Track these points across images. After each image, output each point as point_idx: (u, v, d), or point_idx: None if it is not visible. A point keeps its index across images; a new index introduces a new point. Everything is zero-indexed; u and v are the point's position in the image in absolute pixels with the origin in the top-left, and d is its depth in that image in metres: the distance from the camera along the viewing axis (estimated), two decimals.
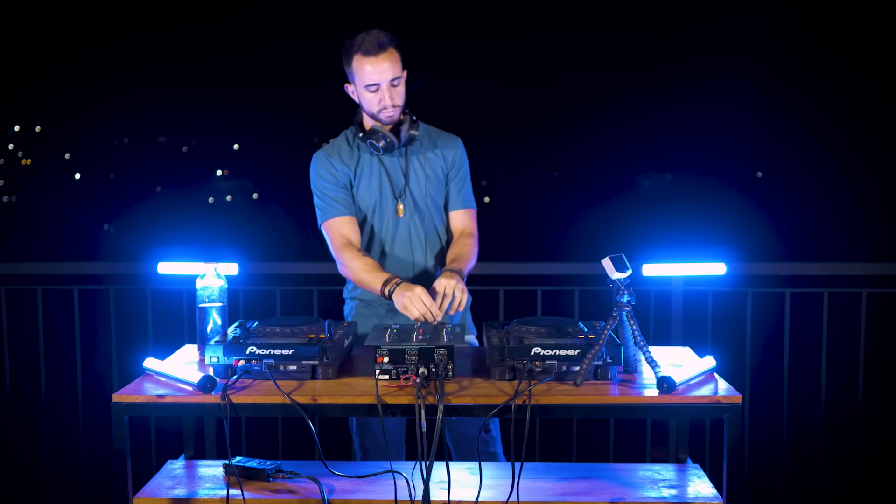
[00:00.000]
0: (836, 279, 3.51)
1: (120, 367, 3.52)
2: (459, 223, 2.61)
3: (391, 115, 2.46)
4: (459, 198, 2.61)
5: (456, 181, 2.60)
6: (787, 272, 3.60)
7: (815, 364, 3.43)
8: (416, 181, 2.55)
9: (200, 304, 2.29)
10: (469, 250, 2.53)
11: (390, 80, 2.42)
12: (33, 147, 37.95)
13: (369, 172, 2.54)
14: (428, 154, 2.56)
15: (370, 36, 2.41)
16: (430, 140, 2.58)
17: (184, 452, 2.40)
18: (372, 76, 2.42)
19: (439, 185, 2.58)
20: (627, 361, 2.09)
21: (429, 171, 2.55)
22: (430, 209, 2.56)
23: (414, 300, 2.23)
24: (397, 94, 2.45)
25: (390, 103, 2.44)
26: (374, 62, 2.40)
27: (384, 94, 2.43)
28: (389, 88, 2.43)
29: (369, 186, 2.54)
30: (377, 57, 2.40)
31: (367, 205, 2.54)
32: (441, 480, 2.01)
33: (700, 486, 2.15)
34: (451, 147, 2.60)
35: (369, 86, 2.43)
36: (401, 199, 2.54)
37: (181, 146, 39.11)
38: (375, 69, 2.41)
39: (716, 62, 44.15)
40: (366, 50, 2.40)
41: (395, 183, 2.54)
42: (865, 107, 33.20)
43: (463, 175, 2.62)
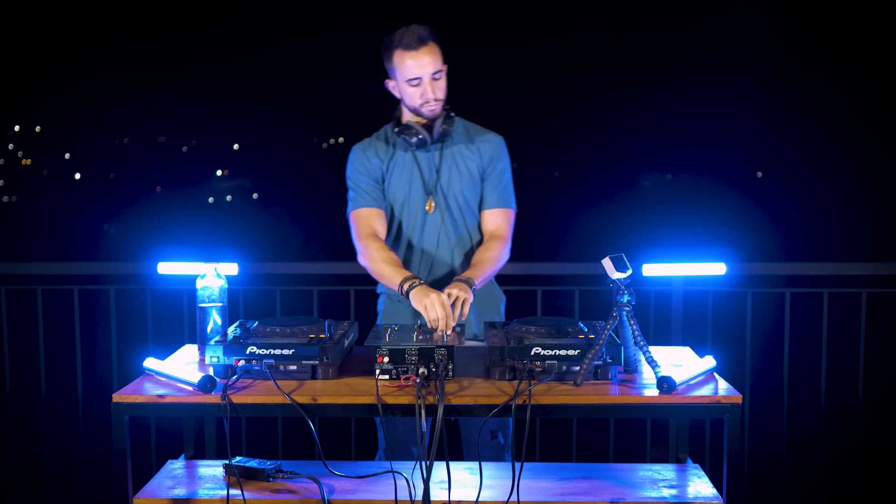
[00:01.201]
0: (836, 279, 3.51)
1: (120, 367, 3.52)
2: (491, 223, 2.56)
3: (433, 109, 2.46)
4: (493, 196, 2.56)
5: (491, 179, 2.55)
6: (787, 272, 3.60)
7: (815, 364, 3.43)
8: (448, 178, 2.53)
9: (200, 304, 2.29)
10: (493, 255, 2.48)
11: (432, 73, 2.42)
12: (33, 147, 37.96)
13: (402, 167, 2.53)
14: (463, 150, 2.54)
15: (410, 31, 2.41)
16: (467, 136, 2.56)
17: (184, 452, 2.40)
18: (413, 70, 2.41)
19: (472, 183, 2.54)
20: (627, 361, 2.09)
21: (462, 168, 2.53)
22: (462, 208, 2.53)
23: (436, 304, 2.18)
24: (439, 87, 2.45)
25: (432, 97, 2.44)
26: (414, 56, 2.40)
27: (426, 88, 2.43)
28: (431, 82, 2.43)
29: (400, 181, 2.53)
30: (418, 51, 2.40)
31: (397, 199, 2.54)
32: (441, 480, 2.01)
33: (700, 486, 2.15)
34: (489, 144, 2.56)
35: (411, 80, 2.43)
36: (431, 195, 2.52)
37: (181, 146, 39.12)
38: (417, 63, 2.41)
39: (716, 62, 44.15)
40: (406, 44, 2.40)
41: (426, 178, 2.53)
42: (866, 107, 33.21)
43: (500, 174, 2.56)
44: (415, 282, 2.29)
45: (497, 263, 2.49)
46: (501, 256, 2.51)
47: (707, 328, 3.52)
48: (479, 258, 2.47)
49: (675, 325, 3.42)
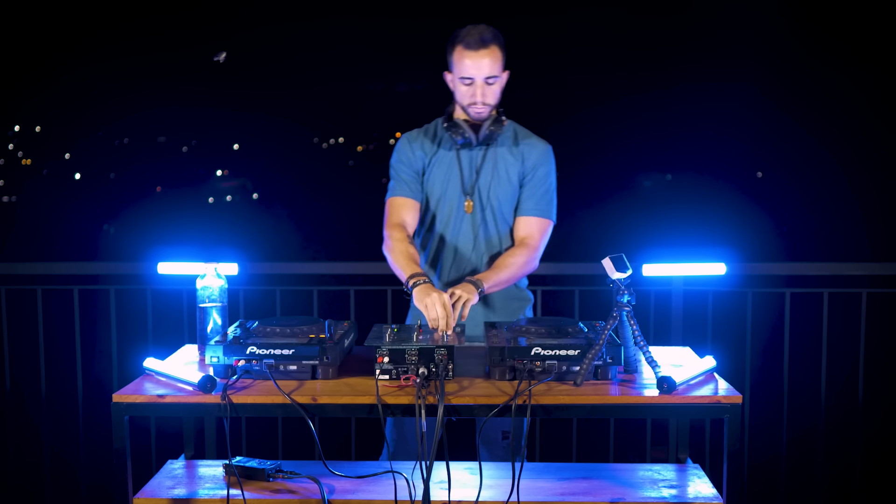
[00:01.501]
0: (836, 279, 3.51)
1: (120, 367, 3.52)
2: (523, 231, 2.53)
3: (480, 112, 2.46)
4: (530, 204, 2.53)
5: (530, 186, 2.53)
6: (787, 272, 3.60)
7: (815, 364, 3.43)
8: (487, 180, 2.52)
9: (200, 304, 2.29)
10: (514, 261, 2.46)
11: (486, 77, 2.42)
12: (33, 147, 37.94)
13: (444, 163, 2.53)
14: (506, 155, 2.53)
15: (476, 30, 2.41)
16: (513, 140, 2.54)
17: (184, 452, 2.40)
18: (469, 70, 2.41)
19: (510, 188, 2.53)
20: (627, 361, 2.09)
21: (501, 172, 2.52)
22: (494, 211, 2.52)
23: (436, 303, 2.18)
24: (490, 92, 2.44)
25: (481, 100, 2.44)
26: (473, 56, 2.40)
27: (477, 90, 2.43)
28: (483, 85, 2.43)
29: (439, 177, 2.53)
30: (477, 52, 2.40)
31: (434, 194, 2.54)
32: (441, 480, 2.01)
33: (700, 486, 2.15)
34: (534, 151, 2.54)
35: (464, 79, 2.43)
36: (469, 195, 2.52)
37: (181, 146, 39.11)
38: (473, 63, 2.40)
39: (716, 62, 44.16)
40: (468, 43, 2.40)
41: (465, 178, 2.52)
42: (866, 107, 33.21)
43: (540, 181, 2.53)
44: (420, 279, 2.28)
45: (517, 270, 2.46)
46: (523, 264, 2.48)
47: (707, 328, 3.52)
48: (500, 262, 2.46)
49: (675, 325, 3.43)
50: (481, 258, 2.54)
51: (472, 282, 2.33)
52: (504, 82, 2.48)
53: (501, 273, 2.42)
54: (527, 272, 2.53)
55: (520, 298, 2.63)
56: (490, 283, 2.37)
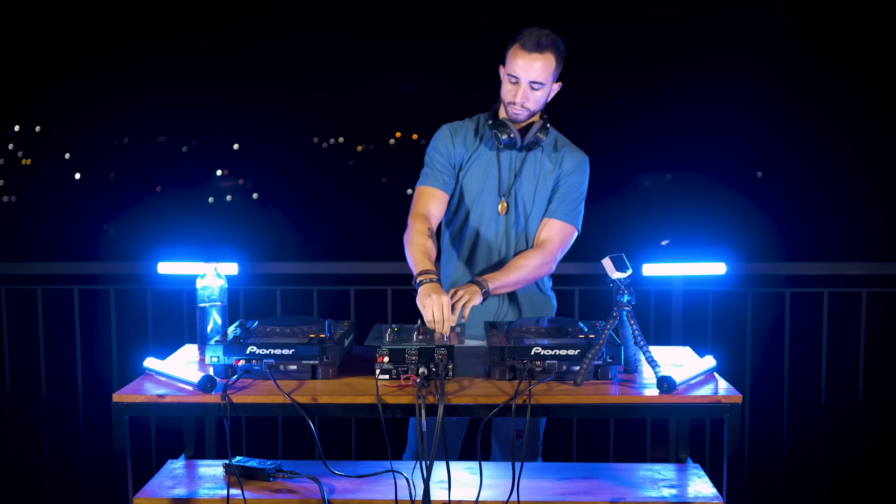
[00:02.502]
0: (836, 279, 3.51)
1: (120, 367, 3.52)
2: (544, 233, 2.51)
3: (517, 114, 2.45)
4: (555, 205, 2.51)
5: (561, 191, 2.52)
6: (787, 272, 3.60)
7: (815, 364, 3.43)
8: (525, 183, 2.51)
9: (200, 304, 2.29)
10: (527, 263, 2.44)
11: (531, 80, 2.41)
12: (33, 147, 37.95)
13: (483, 162, 2.52)
14: (545, 161, 2.52)
15: (536, 33, 2.41)
16: (554, 149, 2.54)
17: (184, 452, 2.40)
18: (517, 69, 2.41)
19: (546, 193, 2.52)
20: (627, 361, 2.09)
21: (539, 178, 2.51)
22: (528, 215, 2.51)
23: (434, 305, 2.16)
24: (533, 97, 2.42)
25: (520, 101, 2.42)
26: (524, 57, 2.39)
27: (519, 91, 2.42)
28: (527, 89, 2.41)
29: (478, 175, 2.51)
30: (530, 55, 2.39)
31: (470, 191, 2.52)
32: (441, 480, 2.01)
33: (700, 486, 2.15)
34: (571, 159, 2.53)
35: (511, 76, 2.42)
36: (505, 197, 2.51)
37: (181, 146, 39.12)
38: (523, 65, 2.40)
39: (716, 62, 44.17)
40: (524, 43, 2.40)
41: (503, 179, 2.51)
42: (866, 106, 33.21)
43: (571, 188, 2.51)
44: (427, 277, 2.25)
45: (528, 273, 2.43)
46: (536, 267, 2.45)
47: (707, 328, 3.52)
48: (512, 263, 2.44)
49: (675, 325, 3.43)
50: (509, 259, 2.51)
51: (476, 282, 2.31)
52: (551, 92, 2.47)
53: (511, 274, 2.40)
54: (539, 276, 2.49)
55: (543, 301, 2.61)
56: (496, 284, 2.35)
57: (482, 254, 2.53)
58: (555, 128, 2.57)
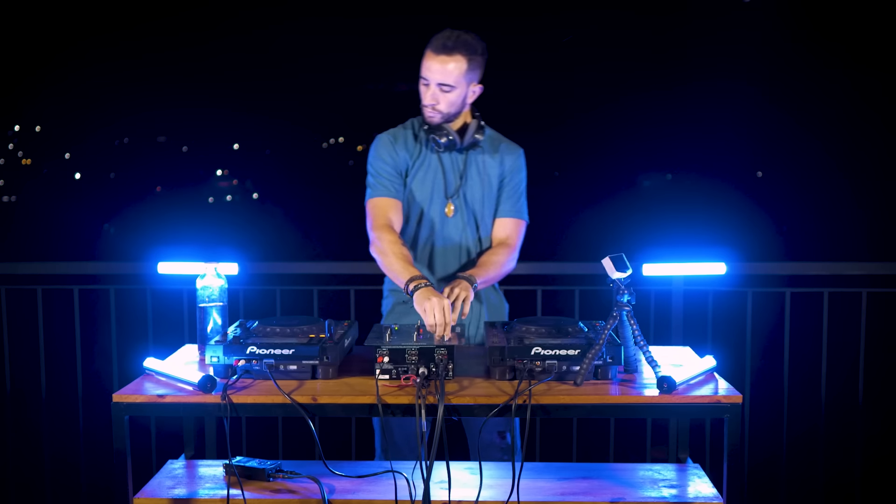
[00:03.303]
0: (836, 279, 3.51)
1: (120, 367, 3.52)
2: (502, 232, 2.57)
3: (430, 116, 2.47)
4: (508, 206, 2.57)
5: (508, 189, 2.57)
6: (787, 272, 3.60)
7: (815, 364, 3.43)
8: (471, 184, 2.54)
9: (200, 304, 2.29)
10: (499, 259, 2.49)
11: (439, 82, 2.42)
12: (33, 147, 37.95)
13: (426, 167, 2.53)
14: (486, 159, 2.55)
15: (448, 35, 2.42)
16: (492, 146, 2.57)
17: (184, 452, 2.40)
18: (426, 71, 2.43)
19: (491, 193, 2.56)
20: (627, 361, 2.09)
21: (484, 176, 2.54)
22: (477, 215, 2.54)
23: (436, 308, 2.18)
24: (444, 99, 2.44)
25: (431, 104, 2.44)
26: (432, 59, 2.42)
27: (428, 93, 2.44)
28: (436, 90, 2.43)
29: (424, 181, 2.53)
30: (437, 56, 2.41)
31: (418, 198, 2.53)
32: (441, 480, 2.01)
33: (700, 486, 2.15)
34: (511, 155, 2.58)
35: (422, 78, 2.45)
36: (452, 199, 2.53)
37: (181, 146, 39.12)
38: (431, 66, 2.42)
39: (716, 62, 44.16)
40: (434, 46, 2.42)
41: (448, 182, 2.53)
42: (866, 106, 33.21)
43: (516, 185, 2.58)
44: (421, 283, 2.28)
45: (501, 269, 2.49)
46: (506, 263, 2.51)
47: (707, 328, 3.52)
48: (485, 260, 2.48)
49: (675, 325, 3.42)
50: (464, 260, 2.55)
51: (465, 278, 2.34)
52: (466, 94, 2.47)
53: (489, 270, 2.45)
54: (507, 271, 2.55)
55: (500, 301, 2.66)
56: (481, 280, 2.39)
57: (435, 258, 2.55)
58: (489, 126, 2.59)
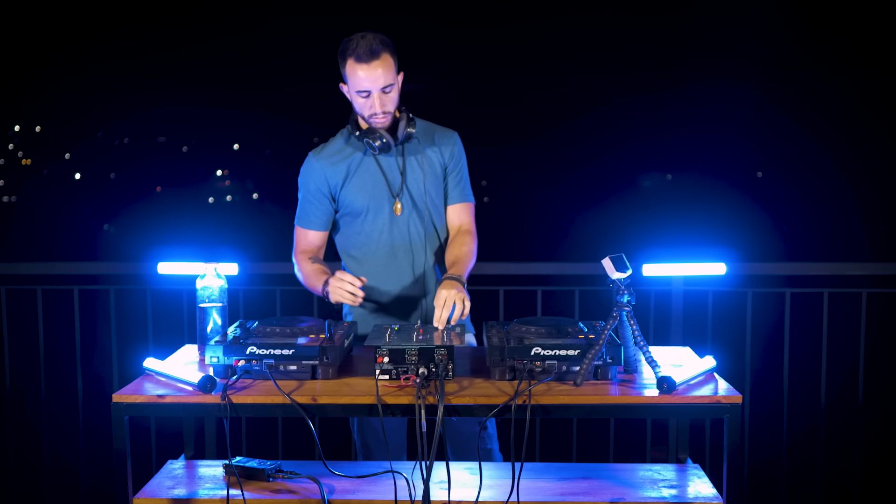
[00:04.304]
0: (836, 279, 3.51)
1: (120, 367, 3.52)
2: (457, 219, 2.58)
3: (381, 122, 2.44)
4: (457, 192, 2.58)
5: (454, 175, 2.58)
6: (787, 272, 3.60)
7: (815, 364, 3.43)
8: (414, 179, 2.52)
9: (200, 304, 2.29)
10: (467, 249, 2.51)
11: (382, 87, 2.39)
12: (33, 147, 37.94)
13: (364, 172, 2.51)
14: (426, 151, 2.54)
15: (364, 41, 2.37)
16: (427, 136, 2.56)
17: (184, 452, 2.40)
18: (364, 83, 2.39)
19: (437, 182, 2.55)
20: (627, 361, 2.09)
21: (426, 168, 2.53)
22: (429, 207, 2.53)
23: (336, 287, 2.27)
24: (389, 100, 2.42)
25: (380, 110, 2.41)
26: (366, 69, 2.37)
27: (375, 101, 2.40)
28: (381, 96, 2.40)
29: (363, 186, 2.51)
30: (369, 64, 2.36)
31: (361, 205, 2.52)
32: (441, 480, 2.01)
33: (700, 486, 2.15)
34: (449, 142, 2.58)
35: (360, 92, 2.40)
36: (398, 197, 2.52)
37: (181, 146, 39.11)
38: (367, 76, 2.38)
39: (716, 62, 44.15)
40: (358, 56, 2.36)
41: (391, 182, 2.52)
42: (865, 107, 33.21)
43: (461, 169, 2.59)
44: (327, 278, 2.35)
45: (473, 257, 2.51)
46: (475, 250, 2.54)
47: (707, 328, 3.52)
48: (457, 255, 2.48)
49: (675, 325, 3.43)
50: (427, 256, 2.55)
51: (453, 278, 2.33)
52: (400, 84, 2.47)
53: (466, 263, 2.46)
54: (476, 256, 2.56)
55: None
56: (465, 276, 2.41)
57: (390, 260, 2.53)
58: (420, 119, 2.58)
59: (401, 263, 2.54)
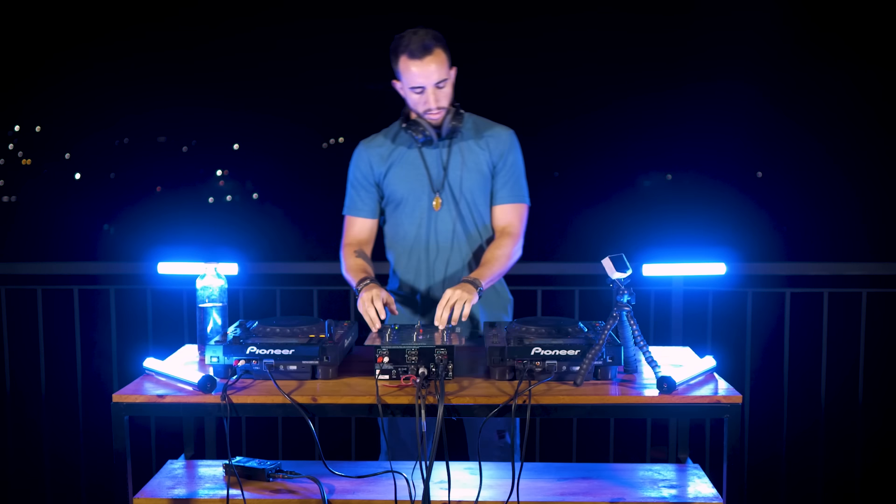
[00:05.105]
0: (836, 279, 3.51)
1: (120, 367, 3.52)
2: (502, 219, 2.52)
3: (436, 118, 2.43)
4: (505, 191, 2.51)
5: (503, 174, 2.51)
6: (787, 272, 3.60)
7: (815, 364, 3.43)
8: (456, 174, 2.49)
9: (200, 304, 2.29)
10: (503, 252, 2.45)
11: (435, 82, 2.38)
12: (33, 147, 37.97)
13: (406, 164, 2.50)
14: (471, 146, 2.50)
15: (417, 37, 2.37)
16: (475, 131, 2.52)
17: (184, 452, 2.40)
18: (417, 79, 2.38)
19: (481, 179, 2.50)
20: (627, 361, 2.09)
21: (470, 164, 2.49)
22: (469, 203, 2.50)
23: (364, 302, 2.23)
24: (443, 95, 2.41)
25: (435, 106, 2.40)
26: (419, 65, 2.36)
27: (429, 97, 2.39)
28: (435, 91, 2.39)
29: (405, 177, 2.50)
30: (422, 60, 2.36)
31: (400, 194, 2.51)
32: (441, 480, 2.01)
33: (700, 486, 2.15)
34: (498, 138, 2.52)
35: (414, 87, 2.39)
36: (439, 192, 2.49)
37: (181, 146, 39.13)
38: (421, 72, 2.37)
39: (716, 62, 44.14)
40: (411, 52, 2.36)
41: (433, 175, 2.49)
42: (866, 106, 33.21)
43: (511, 167, 2.51)
44: (361, 285, 2.33)
45: (507, 261, 2.46)
46: (512, 254, 2.47)
47: (707, 328, 3.52)
48: (489, 256, 2.44)
49: (675, 325, 3.42)
50: (465, 254, 2.52)
51: (469, 281, 2.31)
52: (454, 80, 2.45)
53: (494, 266, 2.41)
54: (515, 261, 2.51)
55: (503, 298, 2.61)
56: (486, 280, 2.36)
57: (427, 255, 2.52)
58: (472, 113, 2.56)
59: (434, 261, 2.51)
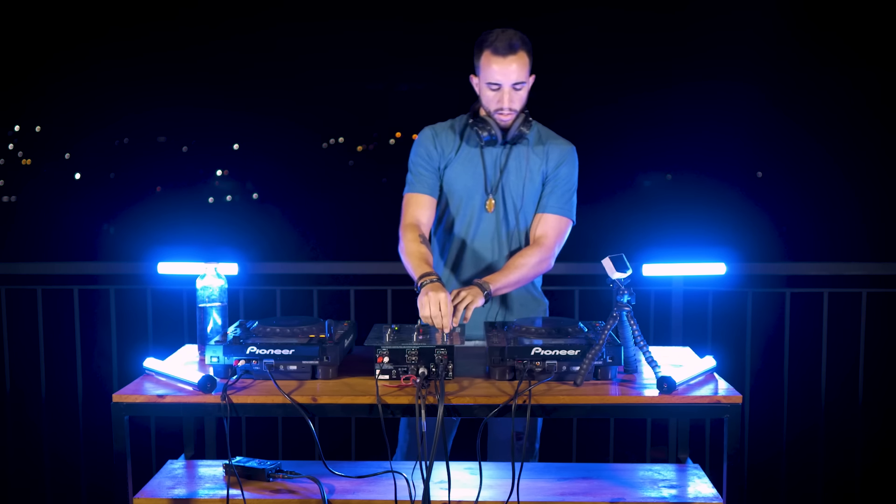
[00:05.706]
0: (836, 279, 3.51)
1: (120, 367, 3.52)
2: (539, 229, 2.49)
3: (506, 119, 2.42)
4: (549, 200, 2.49)
5: (551, 184, 2.49)
6: (787, 272, 3.60)
7: (815, 364, 3.43)
8: (512, 179, 2.48)
9: (200, 304, 2.29)
10: (526, 262, 2.42)
11: (513, 83, 2.38)
12: (33, 147, 37.96)
13: (466, 160, 2.49)
14: (530, 154, 2.49)
15: (504, 35, 2.37)
16: (539, 142, 2.51)
17: (184, 452, 2.40)
18: (496, 76, 2.38)
19: (533, 188, 2.49)
20: (627, 361, 2.09)
21: (525, 172, 2.48)
22: (517, 210, 2.49)
23: (431, 302, 2.16)
24: (518, 98, 2.41)
25: (507, 106, 2.40)
26: (501, 63, 2.36)
27: (504, 96, 2.39)
28: (511, 91, 2.39)
29: (462, 174, 2.49)
30: (505, 58, 2.36)
31: (456, 191, 2.50)
32: (441, 480, 2.01)
33: (700, 486, 2.15)
34: (557, 150, 2.51)
35: (491, 84, 2.39)
36: (492, 193, 2.49)
37: (181, 146, 39.12)
38: (501, 70, 2.37)
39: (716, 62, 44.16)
40: (496, 48, 2.36)
41: (489, 177, 2.49)
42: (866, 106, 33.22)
43: (562, 180, 2.49)
44: (428, 279, 2.26)
45: (528, 271, 2.42)
46: (535, 265, 2.44)
47: (707, 328, 3.52)
48: (511, 263, 2.42)
49: (675, 325, 3.43)
50: (502, 257, 2.51)
51: (478, 284, 2.30)
52: (530, 86, 2.45)
53: (511, 274, 2.39)
54: (539, 272, 2.48)
55: (537, 301, 2.59)
56: (497, 286, 2.34)
57: (473, 254, 2.51)
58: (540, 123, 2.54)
59: (479, 260, 2.50)
